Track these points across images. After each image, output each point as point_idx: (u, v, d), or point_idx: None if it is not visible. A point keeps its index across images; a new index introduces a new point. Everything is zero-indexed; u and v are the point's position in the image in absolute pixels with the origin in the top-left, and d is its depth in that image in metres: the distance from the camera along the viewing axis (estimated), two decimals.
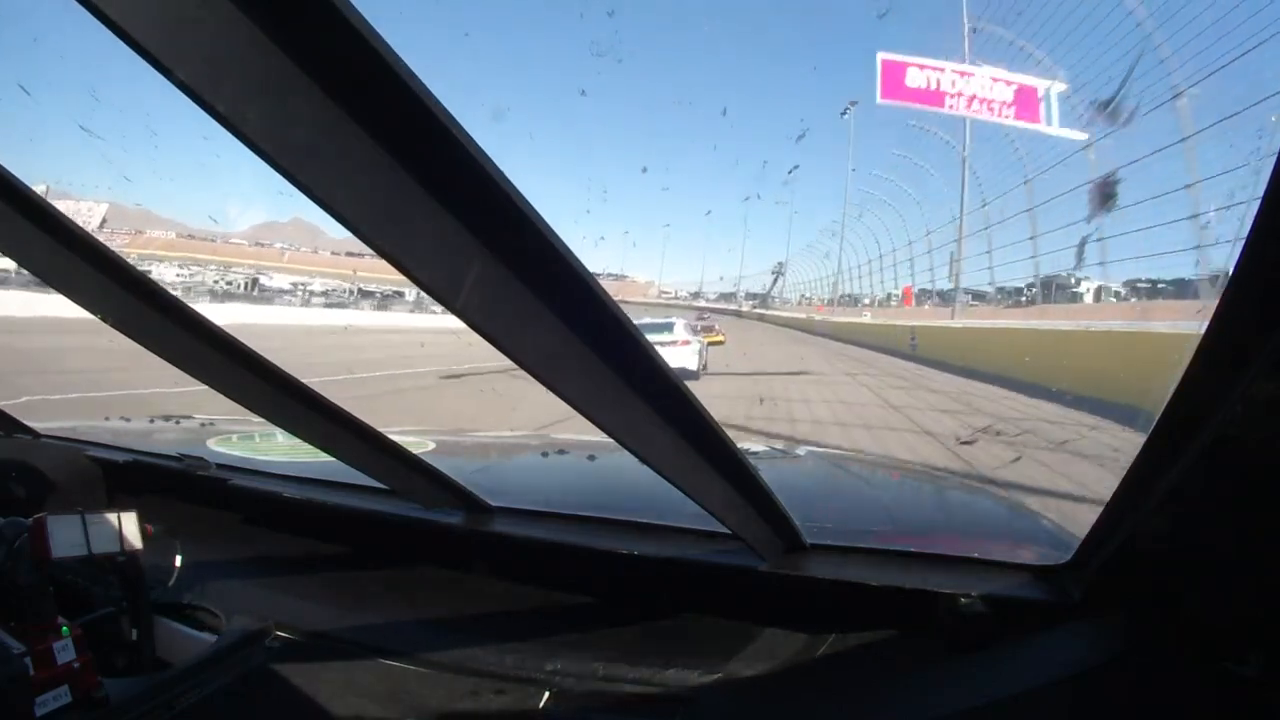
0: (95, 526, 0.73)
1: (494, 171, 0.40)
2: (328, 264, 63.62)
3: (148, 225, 52.78)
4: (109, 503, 1.24)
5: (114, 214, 51.72)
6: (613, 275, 70.15)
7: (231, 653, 0.85)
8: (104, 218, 49.50)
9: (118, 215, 51.58)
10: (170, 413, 2.06)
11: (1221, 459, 0.53)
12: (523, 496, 1.13)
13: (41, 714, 0.64)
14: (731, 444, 0.68)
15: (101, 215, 49.62)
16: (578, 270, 0.47)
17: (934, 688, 0.74)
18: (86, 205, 48.34)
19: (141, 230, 51.00)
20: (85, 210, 48.14)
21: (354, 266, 55.70)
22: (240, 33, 0.33)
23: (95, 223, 47.67)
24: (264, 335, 0.87)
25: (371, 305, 42.39)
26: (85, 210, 48.14)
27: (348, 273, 55.45)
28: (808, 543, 0.88)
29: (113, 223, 50.67)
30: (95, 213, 48.77)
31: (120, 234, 48.86)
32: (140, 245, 47.59)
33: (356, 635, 0.90)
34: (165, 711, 0.74)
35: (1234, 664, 0.62)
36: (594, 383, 0.55)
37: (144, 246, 48.20)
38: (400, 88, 0.36)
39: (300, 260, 63.67)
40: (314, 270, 58.51)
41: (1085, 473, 4.97)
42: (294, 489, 1.16)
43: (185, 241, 58.06)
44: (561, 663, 0.83)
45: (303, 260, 63.90)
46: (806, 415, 8.30)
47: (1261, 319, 0.44)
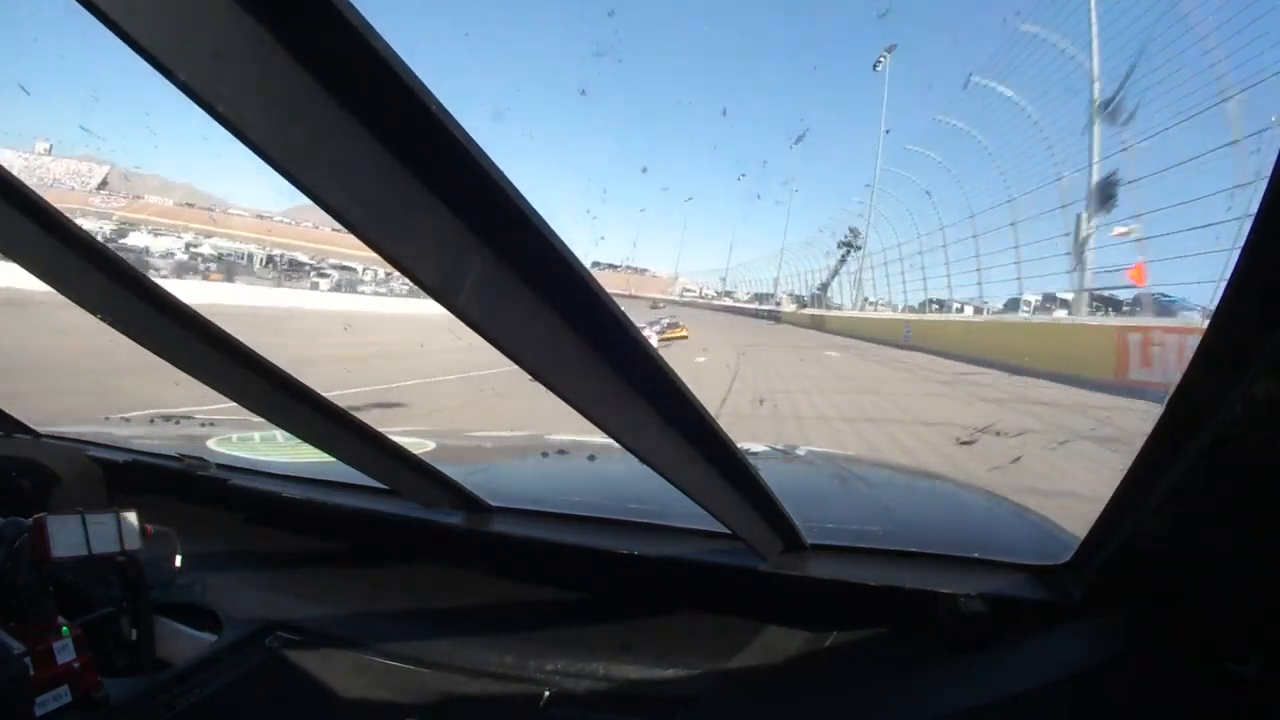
0: (95, 526, 0.73)
1: (494, 171, 0.40)
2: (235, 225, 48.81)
3: (146, 191, 50.27)
4: (109, 503, 1.24)
5: (115, 176, 49.45)
6: (632, 269, 66.87)
7: (231, 653, 0.85)
8: (105, 179, 48.14)
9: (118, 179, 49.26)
10: (172, 413, 2.06)
11: (1221, 459, 0.53)
12: (522, 496, 1.13)
13: (41, 714, 0.64)
14: (731, 444, 0.68)
15: (103, 175, 48.39)
16: (578, 270, 0.47)
17: (934, 687, 0.74)
18: (87, 165, 47.45)
19: (140, 196, 48.61)
20: (85, 170, 47.28)
21: (265, 229, 45.06)
22: (240, 33, 0.33)
23: (95, 183, 46.78)
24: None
25: (274, 280, 31.37)
26: (85, 170, 47.28)
27: (252, 233, 43.97)
28: (808, 543, 0.88)
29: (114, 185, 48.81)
30: (96, 173, 47.81)
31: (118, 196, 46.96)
32: (136, 209, 44.82)
33: (356, 635, 0.90)
34: (165, 711, 0.74)
35: (1234, 664, 0.62)
36: (594, 383, 0.55)
37: (140, 211, 45.09)
38: (400, 88, 0.36)
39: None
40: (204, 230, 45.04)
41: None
42: (294, 489, 1.16)
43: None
44: (561, 663, 0.83)
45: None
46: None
47: (1261, 319, 0.44)
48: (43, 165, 48.00)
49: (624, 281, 59.43)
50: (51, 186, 44.13)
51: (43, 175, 46.33)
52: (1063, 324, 17.05)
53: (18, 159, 45.63)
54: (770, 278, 62.14)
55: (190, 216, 45.41)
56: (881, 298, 38.20)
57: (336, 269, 38.18)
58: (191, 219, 44.59)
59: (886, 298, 37.25)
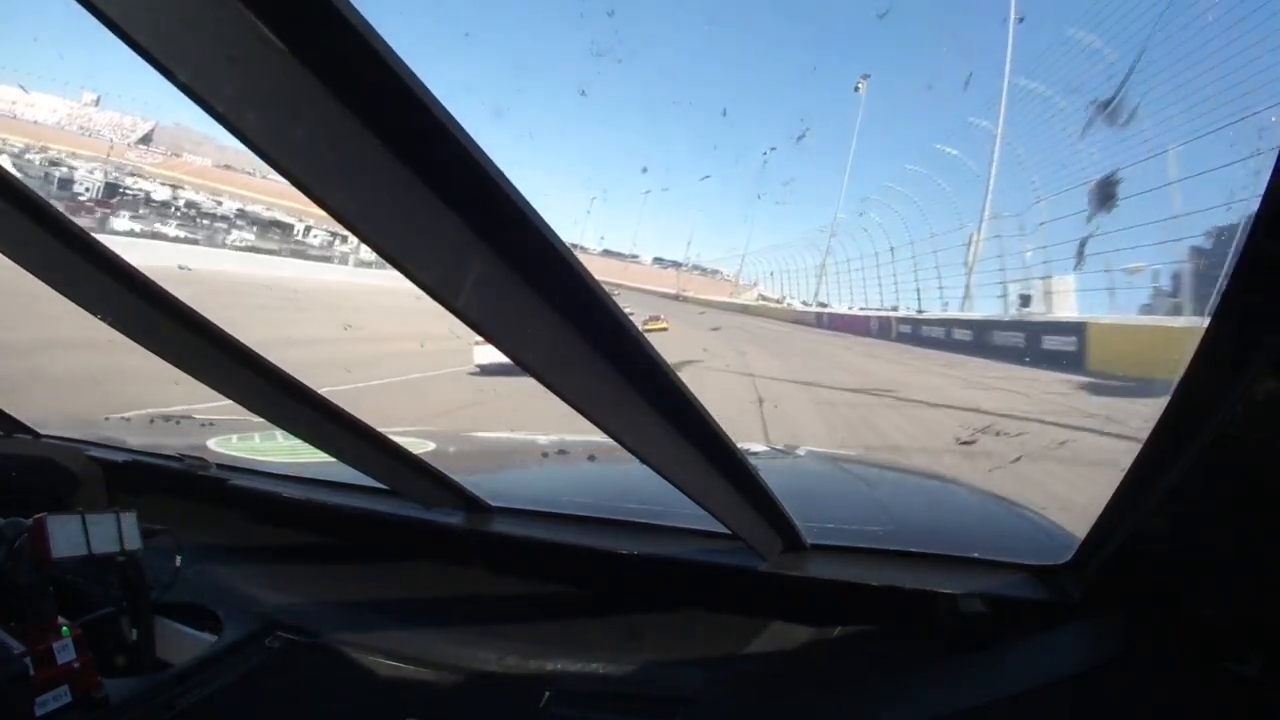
0: (95, 526, 0.73)
1: (494, 171, 0.40)
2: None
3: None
4: (109, 503, 1.24)
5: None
6: (699, 269, 50.05)
7: (231, 653, 0.85)
8: (149, 134, 46.98)
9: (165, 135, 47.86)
10: (172, 413, 2.06)
11: (1221, 459, 0.53)
12: (523, 496, 1.13)
13: (41, 714, 0.63)
14: (731, 444, 0.68)
15: (147, 130, 47.47)
16: (578, 270, 0.47)
17: (934, 687, 0.74)
18: (131, 119, 46.87)
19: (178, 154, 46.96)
20: (129, 124, 46.73)
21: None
22: (240, 34, 0.33)
23: (136, 137, 46.16)
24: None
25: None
26: (129, 124, 46.73)
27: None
28: (808, 543, 0.88)
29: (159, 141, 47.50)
30: (140, 128, 47.19)
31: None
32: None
33: (356, 635, 0.90)
34: (165, 711, 0.74)
35: (1234, 664, 0.62)
36: (594, 383, 0.55)
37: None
38: (400, 88, 0.36)
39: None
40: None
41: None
42: (294, 489, 1.16)
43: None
44: (561, 663, 0.83)
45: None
46: None
47: (1261, 319, 0.44)
48: (86, 114, 47.76)
49: (682, 282, 49.69)
50: (90, 136, 43.90)
51: (84, 124, 46.14)
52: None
53: (62, 104, 45.52)
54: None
55: (227, 179, 44.20)
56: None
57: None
58: (229, 181, 43.42)
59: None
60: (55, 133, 41.54)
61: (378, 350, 9.80)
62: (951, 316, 21.68)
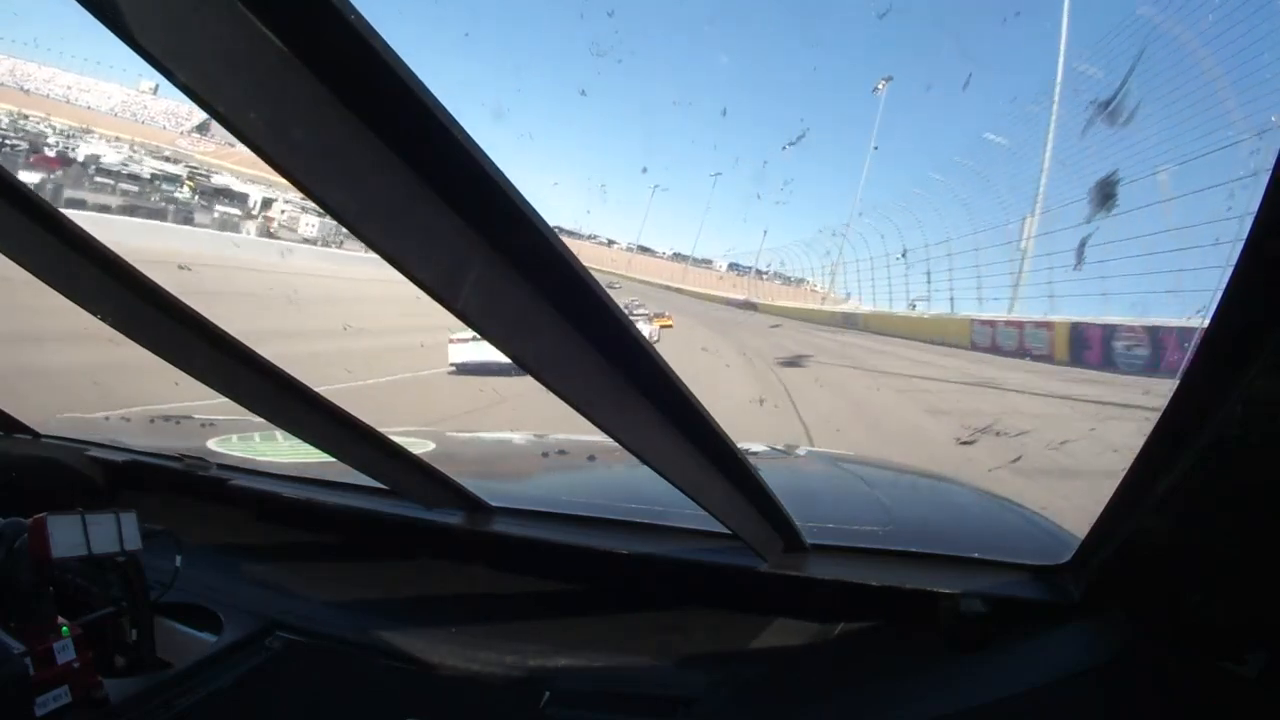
0: (95, 526, 0.73)
1: (494, 171, 0.40)
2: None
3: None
4: (109, 503, 1.24)
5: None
6: (786, 279, 42.88)
7: (231, 653, 0.85)
8: (206, 123, 46.70)
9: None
10: (172, 413, 2.06)
11: (1221, 459, 0.53)
12: (523, 496, 1.13)
13: (41, 714, 0.63)
14: (731, 444, 0.68)
15: (204, 118, 47.31)
16: (578, 270, 0.47)
17: (934, 687, 0.74)
18: (186, 108, 46.73)
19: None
20: (185, 113, 46.63)
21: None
22: (240, 33, 0.33)
23: (191, 126, 46.04)
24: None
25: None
26: (185, 113, 46.63)
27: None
28: (808, 543, 0.88)
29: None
30: (195, 117, 47.13)
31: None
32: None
33: (356, 635, 0.90)
34: (165, 711, 0.74)
35: (1234, 664, 0.62)
36: (594, 383, 0.55)
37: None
38: (400, 88, 0.36)
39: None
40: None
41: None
42: (294, 489, 1.16)
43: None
44: (562, 663, 0.83)
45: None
46: None
47: (1260, 319, 0.44)
48: (141, 102, 47.73)
49: (758, 289, 43.89)
50: (142, 123, 43.90)
51: (137, 111, 46.13)
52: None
53: (119, 91, 45.41)
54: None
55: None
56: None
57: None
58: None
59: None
60: (109, 119, 41.59)
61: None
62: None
